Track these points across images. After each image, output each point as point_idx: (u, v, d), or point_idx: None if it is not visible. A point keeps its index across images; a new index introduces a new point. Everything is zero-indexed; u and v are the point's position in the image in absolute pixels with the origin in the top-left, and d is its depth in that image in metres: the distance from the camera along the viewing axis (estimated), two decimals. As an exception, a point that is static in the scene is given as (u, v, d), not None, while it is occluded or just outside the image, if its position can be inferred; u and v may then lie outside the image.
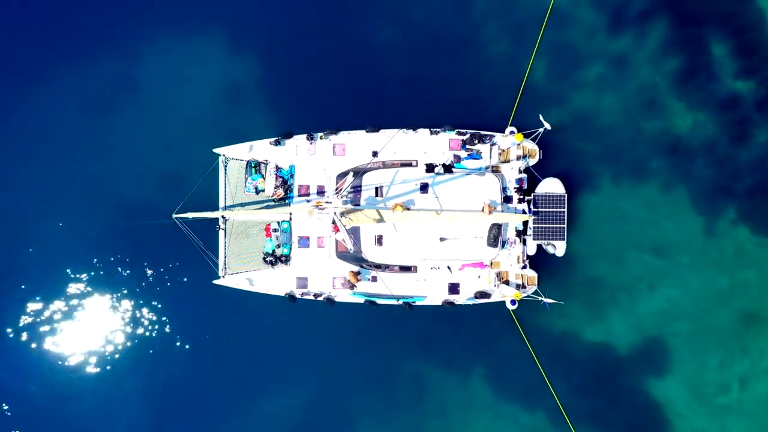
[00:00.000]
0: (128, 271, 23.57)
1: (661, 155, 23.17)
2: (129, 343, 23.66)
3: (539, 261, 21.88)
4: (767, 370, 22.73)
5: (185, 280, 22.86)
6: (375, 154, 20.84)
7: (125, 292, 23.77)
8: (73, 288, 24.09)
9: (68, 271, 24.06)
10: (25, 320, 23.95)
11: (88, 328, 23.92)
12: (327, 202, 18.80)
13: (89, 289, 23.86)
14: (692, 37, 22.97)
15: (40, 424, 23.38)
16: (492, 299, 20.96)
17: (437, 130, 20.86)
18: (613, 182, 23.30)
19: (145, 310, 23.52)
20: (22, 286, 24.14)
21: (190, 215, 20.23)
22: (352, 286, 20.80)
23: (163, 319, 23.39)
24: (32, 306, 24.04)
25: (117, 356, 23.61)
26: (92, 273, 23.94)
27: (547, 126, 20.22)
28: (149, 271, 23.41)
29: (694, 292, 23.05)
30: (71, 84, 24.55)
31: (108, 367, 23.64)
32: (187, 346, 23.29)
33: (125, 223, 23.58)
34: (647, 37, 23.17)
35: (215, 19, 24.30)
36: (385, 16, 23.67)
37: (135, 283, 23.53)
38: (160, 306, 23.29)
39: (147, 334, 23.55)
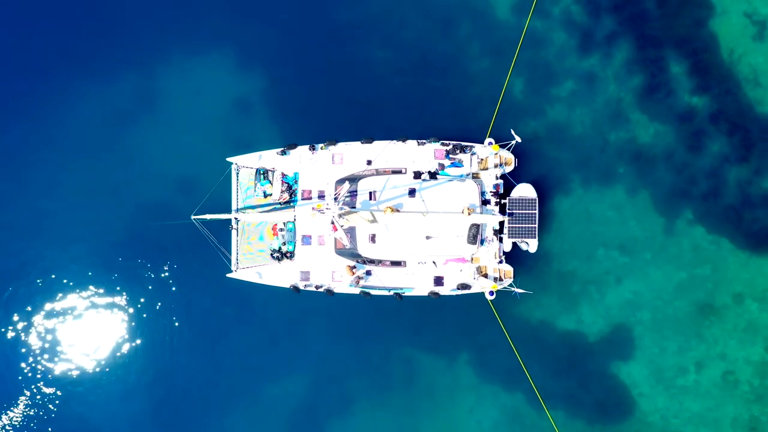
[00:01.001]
0: (149, 267, 26.88)
1: (626, 162, 26.31)
2: (149, 330, 26.91)
3: (517, 257, 25.08)
4: (720, 355, 25.78)
5: (201, 273, 26.13)
6: (369, 162, 24.12)
7: (146, 285, 27.04)
8: (99, 282, 27.39)
9: (95, 266, 27.38)
10: (56, 309, 27.27)
11: (112, 318, 27.20)
12: (327, 208, 22.08)
13: (114, 283, 27.15)
14: (653, 57, 26.13)
15: (83, 399, 26.73)
16: (472, 290, 24.16)
17: (424, 141, 24.13)
18: (583, 186, 26.45)
19: (164, 301, 26.79)
20: (52, 276, 27.46)
21: (207, 217, 23.50)
22: (358, 280, 23.84)
23: (181, 308, 26.66)
24: (63, 296, 27.37)
25: (139, 341, 26.91)
26: (116, 269, 27.23)
27: (518, 139, 23.44)
28: (168, 267, 26.70)
29: (656, 285, 26.12)
30: (96, 97, 27.88)
31: (128, 350, 26.95)
32: (202, 333, 26.56)
33: (145, 223, 26.88)
34: (613, 57, 26.35)
35: (226, 40, 27.60)
36: (378, 38, 26.92)
37: (155, 277, 26.82)
38: (178, 297, 26.55)
39: (166, 322, 26.80)
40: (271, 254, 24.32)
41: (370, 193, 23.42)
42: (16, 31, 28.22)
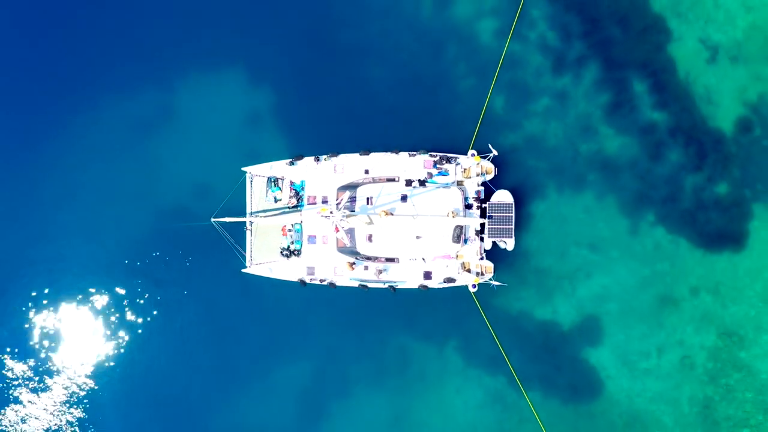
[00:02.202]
0: (171, 263, 30.88)
1: (595, 170, 30.22)
2: (171, 319, 30.95)
3: (497, 254, 29.01)
4: (679, 341, 29.64)
5: (219, 269, 30.13)
6: (366, 171, 28.15)
7: (169, 279, 31.05)
8: (126, 277, 31.42)
9: (123, 263, 31.41)
10: (84, 301, 31.32)
11: (139, 307, 31.24)
12: (330, 212, 26.14)
13: (139, 277, 31.19)
14: (618, 77, 30.05)
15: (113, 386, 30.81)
16: (457, 283, 28.14)
17: (414, 153, 28.14)
18: (557, 192, 30.36)
19: (185, 293, 30.79)
20: (82, 273, 31.50)
21: (226, 219, 27.54)
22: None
23: (202, 299, 30.66)
24: (95, 291, 31.41)
25: (162, 328, 30.98)
26: (141, 265, 31.27)
27: (494, 152, 27.42)
28: (189, 263, 30.71)
29: (621, 279, 29.96)
30: (121, 111, 31.89)
31: (153, 335, 30.98)
32: (219, 322, 30.57)
33: (167, 225, 30.89)
34: (583, 77, 30.28)
35: (239, 61, 31.57)
36: (375, 59, 30.87)
37: (177, 272, 30.82)
38: (198, 289, 30.58)
39: (187, 312, 30.80)
40: (281, 252, 28.38)
41: (368, 198, 27.44)
42: (53, 52, 32.31)
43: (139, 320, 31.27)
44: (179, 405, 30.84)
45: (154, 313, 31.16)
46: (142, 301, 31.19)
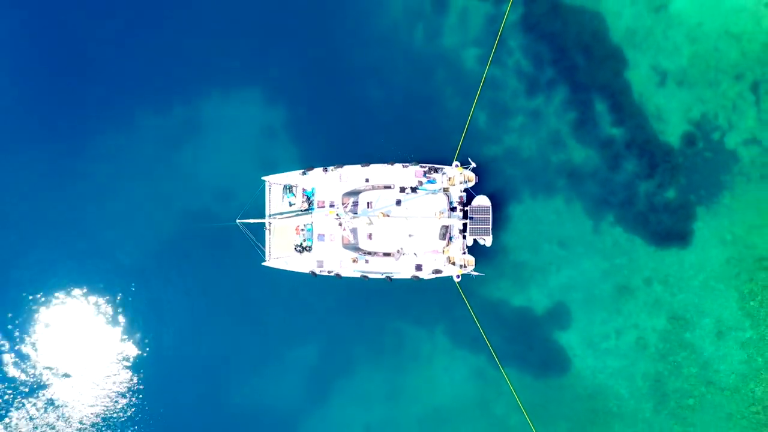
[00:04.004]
0: (201, 257, 37.10)
1: (563, 178, 36.24)
2: (199, 305, 37.18)
3: (479, 250, 35.14)
4: (634, 325, 35.52)
5: (242, 263, 36.32)
6: (367, 180, 34.34)
7: (196, 274, 37.29)
8: (160, 270, 37.67)
9: (157, 258, 37.65)
10: (116, 294, 37.64)
11: (169, 296, 37.50)
12: (336, 215, 32.39)
13: (173, 270, 37.45)
14: (582, 98, 36.02)
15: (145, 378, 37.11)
16: (444, 274, 34.33)
17: (407, 164, 34.29)
18: (531, 196, 36.39)
19: (213, 284, 37.03)
20: (121, 265, 37.73)
21: (250, 221, 33.82)
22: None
23: (227, 289, 36.90)
24: (133, 281, 37.71)
25: (191, 312, 37.23)
26: (174, 259, 37.52)
27: (473, 164, 33.60)
28: (215, 258, 36.88)
29: (586, 272, 35.88)
30: (151, 125, 37.97)
31: (182, 318, 37.26)
32: (242, 307, 36.84)
33: (197, 225, 37.07)
34: (553, 98, 36.30)
35: (256, 82, 37.67)
36: (374, 81, 36.86)
37: (205, 265, 37.04)
38: (225, 280, 36.83)
39: (213, 300, 37.04)
40: (295, 248, 34.66)
41: (368, 203, 33.68)
42: (101, 76, 38.50)
43: (171, 306, 37.50)
44: (207, 377, 37.08)
45: (185, 299, 37.41)
46: (174, 290, 37.44)
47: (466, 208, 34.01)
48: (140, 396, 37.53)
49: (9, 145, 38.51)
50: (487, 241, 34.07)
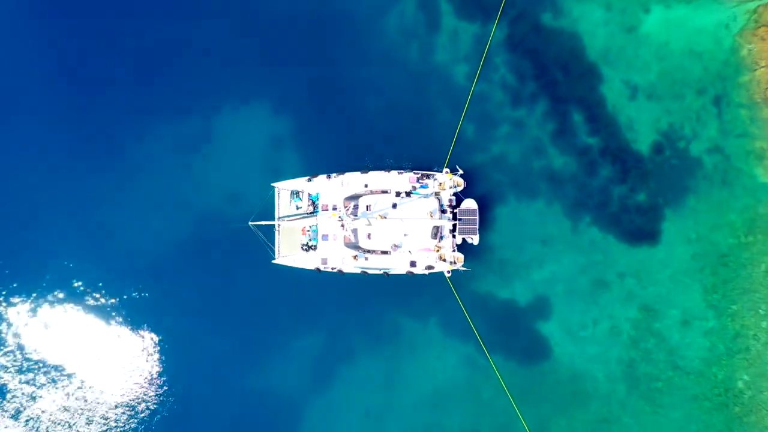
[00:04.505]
0: (214, 257, 41.11)
1: (545, 182, 40.15)
2: (214, 298, 41.19)
3: (469, 248, 39.11)
4: (609, 315, 39.35)
5: (253, 260, 40.30)
6: (366, 185, 38.33)
7: (212, 271, 41.25)
8: (176, 268, 41.66)
9: (174, 258, 41.64)
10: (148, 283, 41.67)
11: (186, 291, 41.53)
12: (339, 217, 36.43)
13: (188, 268, 41.47)
14: (561, 110, 39.97)
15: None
16: (436, 270, 38.29)
17: (402, 171, 38.27)
18: (516, 199, 40.31)
19: (226, 280, 41.04)
20: (140, 264, 41.73)
21: (261, 223, 37.86)
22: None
23: (239, 284, 40.88)
24: (151, 277, 41.74)
25: (205, 305, 41.24)
26: (190, 258, 41.52)
27: (460, 171, 37.61)
28: (228, 256, 40.83)
29: (565, 267, 39.72)
30: (168, 136, 41.79)
31: (197, 311, 41.30)
32: (253, 301, 40.87)
33: (210, 227, 41.05)
34: (535, 110, 40.23)
35: (264, 97, 41.56)
36: (373, 96, 40.79)
37: (219, 264, 41.03)
38: (237, 276, 40.83)
39: (227, 294, 41.06)
40: (301, 247, 38.72)
41: (367, 206, 37.69)
42: (124, 93, 42.53)
43: (188, 298, 41.51)
44: (221, 363, 41.09)
45: (202, 293, 41.46)
46: (192, 285, 41.51)
47: (455, 210, 37.99)
48: (164, 378, 41.50)
49: (45, 154, 42.36)
50: (474, 239, 38.05)
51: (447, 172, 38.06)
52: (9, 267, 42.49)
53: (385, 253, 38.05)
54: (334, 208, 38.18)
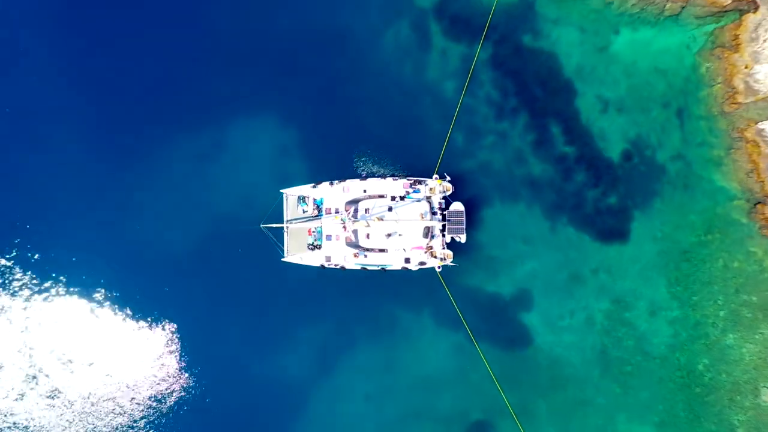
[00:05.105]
0: (228, 256, 45.88)
1: (526, 187, 44.84)
2: (228, 296, 45.98)
3: (458, 246, 43.82)
4: (584, 307, 44.03)
5: (264, 258, 45.05)
6: (365, 191, 43.14)
7: (226, 269, 45.98)
8: (192, 268, 46.43)
9: (189, 258, 46.41)
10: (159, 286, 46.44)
11: (202, 288, 46.31)
12: (342, 219, 41.27)
13: (203, 267, 46.26)
14: (540, 122, 44.62)
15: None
16: (428, 266, 43.07)
17: (397, 177, 43.08)
18: (500, 202, 44.99)
19: (239, 276, 45.81)
20: (157, 264, 46.46)
21: (272, 225, 42.71)
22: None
23: (252, 280, 45.64)
24: (169, 277, 46.55)
25: (221, 300, 46.03)
26: (205, 258, 46.30)
27: (448, 178, 42.40)
28: (241, 254, 45.63)
29: (545, 264, 44.38)
30: (184, 146, 46.21)
31: (212, 307, 46.12)
32: (264, 295, 45.65)
33: (224, 229, 45.79)
34: (517, 122, 44.87)
35: (273, 109, 46.18)
36: (372, 110, 45.46)
37: (232, 263, 45.72)
38: (249, 274, 45.57)
39: (240, 289, 45.85)
40: (308, 246, 43.59)
41: (366, 209, 42.53)
42: (144, 107, 47.33)
43: (204, 295, 46.32)
44: (232, 352, 45.83)
45: (216, 290, 46.28)
46: (207, 282, 46.33)
47: (444, 212, 42.79)
48: (183, 365, 46.31)
49: (70, 156, 46.85)
50: (462, 238, 42.82)
51: (437, 178, 42.84)
52: (37, 268, 46.94)
53: (382, 250, 42.84)
54: (337, 212, 42.94)
